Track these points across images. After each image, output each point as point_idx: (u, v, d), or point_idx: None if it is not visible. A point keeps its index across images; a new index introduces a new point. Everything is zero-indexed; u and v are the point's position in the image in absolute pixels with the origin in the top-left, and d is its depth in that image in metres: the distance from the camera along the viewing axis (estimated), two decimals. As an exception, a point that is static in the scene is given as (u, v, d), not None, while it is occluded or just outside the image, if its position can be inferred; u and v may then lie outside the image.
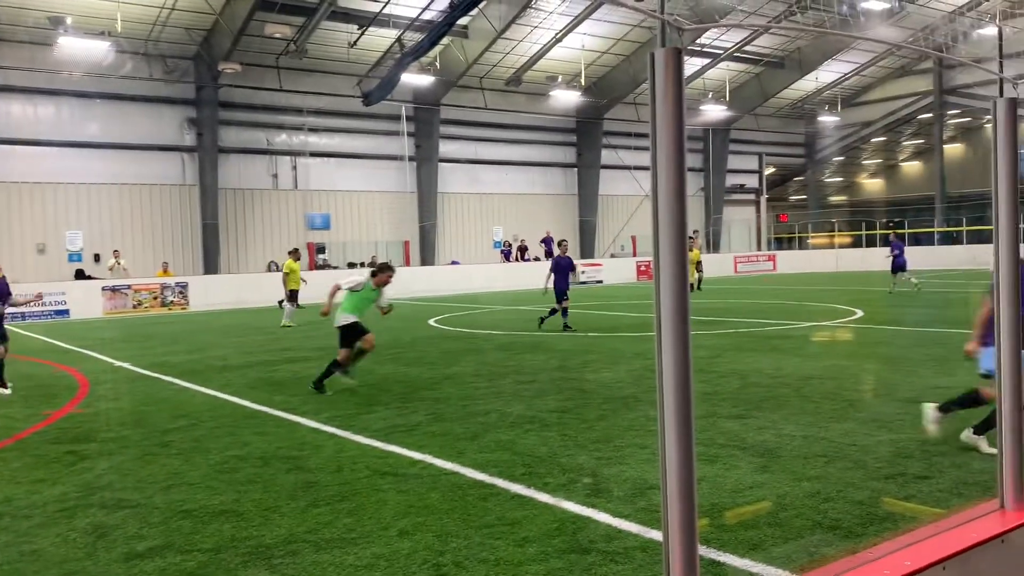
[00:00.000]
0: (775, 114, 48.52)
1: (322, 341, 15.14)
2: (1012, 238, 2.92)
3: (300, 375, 11.03)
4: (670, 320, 1.97)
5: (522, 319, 18.91)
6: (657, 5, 1.85)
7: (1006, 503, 2.65)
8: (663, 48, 1.81)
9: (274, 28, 29.61)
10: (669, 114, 1.82)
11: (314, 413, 8.28)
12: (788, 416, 7.36)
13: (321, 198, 34.22)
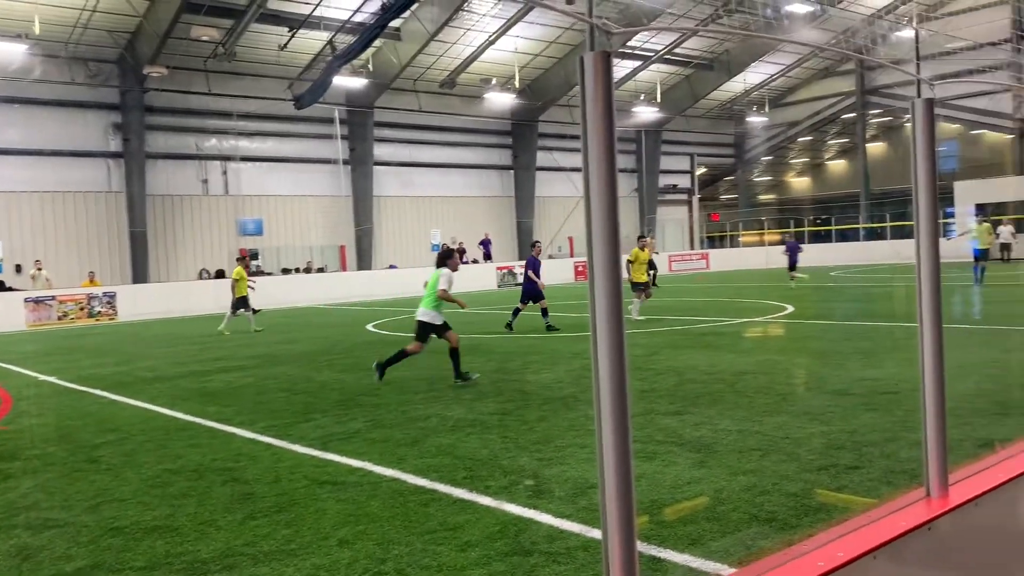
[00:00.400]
0: (705, 115, 49.44)
1: (258, 349, 14.88)
2: (932, 232, 3.02)
3: (234, 385, 10.81)
4: (605, 320, 1.98)
5: (461, 322, 18.86)
6: (585, 9, 1.86)
7: (932, 491, 2.74)
8: (592, 52, 1.82)
9: (201, 31, 28.97)
10: (599, 116, 1.83)
11: (249, 423, 8.12)
12: (723, 411, 7.49)
13: (253, 203, 33.60)
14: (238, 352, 14.71)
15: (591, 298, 2.02)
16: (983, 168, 40.55)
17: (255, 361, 13.21)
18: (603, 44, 1.85)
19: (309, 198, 34.97)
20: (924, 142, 2.92)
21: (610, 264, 1.95)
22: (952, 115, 43.06)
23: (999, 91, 39.65)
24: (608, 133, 1.85)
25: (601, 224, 1.94)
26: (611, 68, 1.83)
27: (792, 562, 2.25)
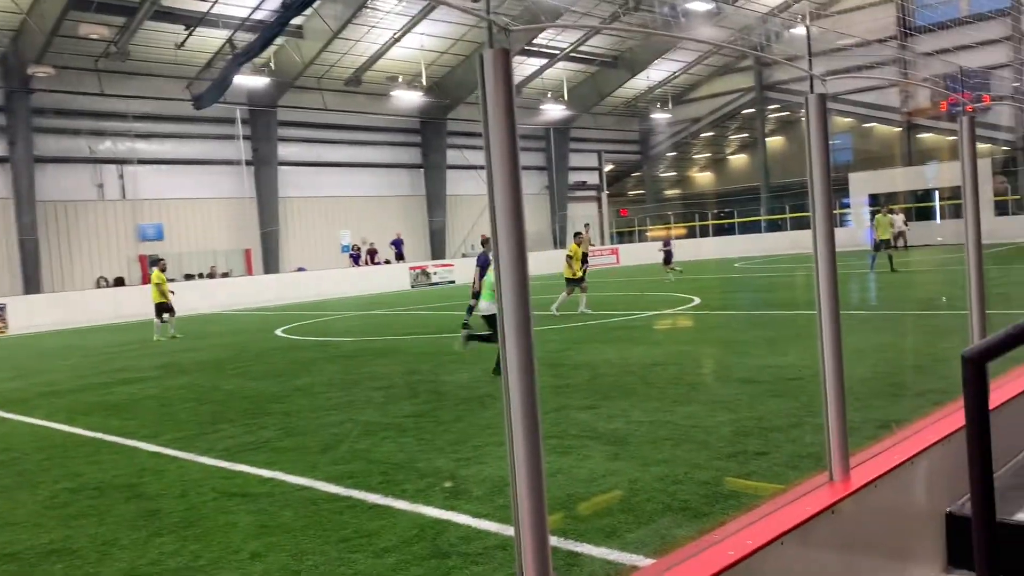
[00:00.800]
0: (611, 112, 50.20)
1: (162, 359, 14.35)
2: (827, 222, 3.12)
3: (137, 397, 10.39)
4: (512, 316, 1.97)
5: (374, 324, 18.65)
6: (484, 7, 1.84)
7: (834, 475, 2.84)
8: (491, 49, 1.81)
9: (90, 28, 27.75)
10: (500, 113, 1.82)
11: (153, 436, 7.82)
12: (636, 403, 7.61)
13: (153, 207, 32.41)
14: (140, 363, 14.16)
15: (498, 294, 2.01)
16: (874, 160, 42.46)
17: (159, 371, 12.74)
18: (502, 42, 1.83)
19: (212, 201, 33.96)
20: (818, 136, 3.02)
21: (516, 261, 1.94)
22: (845, 109, 44.91)
23: (887, 86, 41.56)
24: (510, 130, 1.84)
25: (506, 221, 1.93)
26: (510, 65, 1.82)
27: (705, 552, 2.28)
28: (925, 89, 40.32)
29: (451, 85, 39.07)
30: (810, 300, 3.22)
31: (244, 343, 16.10)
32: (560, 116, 44.90)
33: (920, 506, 3.45)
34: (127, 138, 31.44)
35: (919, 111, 42.12)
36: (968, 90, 32.98)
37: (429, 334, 15.20)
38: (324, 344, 15.26)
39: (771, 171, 48.56)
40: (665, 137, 53.44)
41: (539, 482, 2.00)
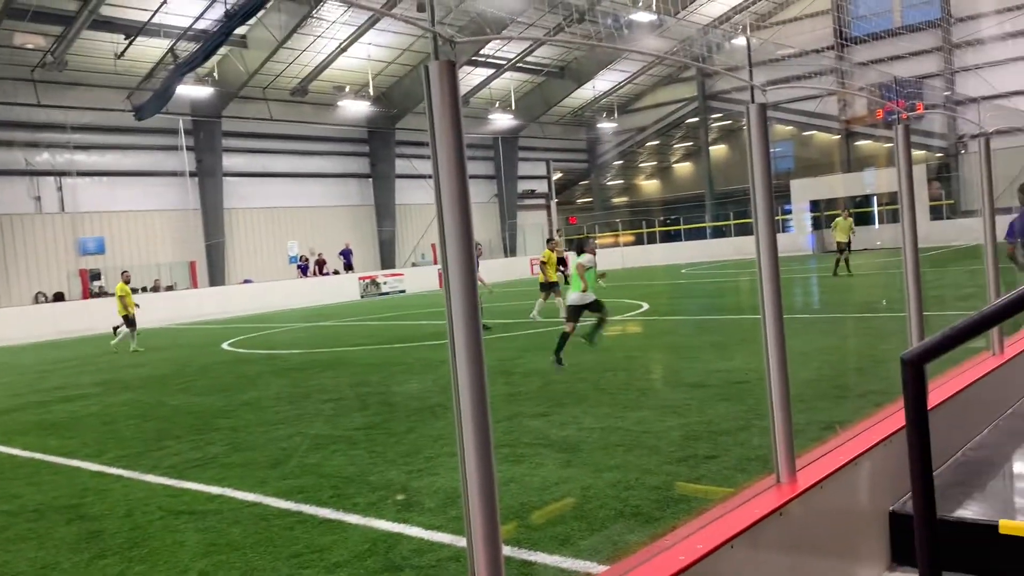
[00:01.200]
0: (559, 122, 50.55)
1: (103, 375, 13.99)
2: (769, 228, 3.19)
3: (78, 414, 10.11)
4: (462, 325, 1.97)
5: (323, 336, 18.45)
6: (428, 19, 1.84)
7: (781, 477, 2.89)
8: (436, 61, 1.81)
9: (26, 38, 27.03)
10: (447, 124, 1.82)
11: (96, 455, 7.61)
12: (588, 409, 7.65)
13: (94, 220, 31.61)
14: (80, 379, 13.79)
15: (447, 303, 2.01)
16: (815, 167, 43.44)
17: (100, 388, 12.42)
18: (448, 53, 1.84)
19: (155, 213, 33.26)
20: (759, 144, 3.08)
21: (465, 269, 1.94)
22: (786, 118, 45.88)
23: (825, 95, 42.60)
24: (456, 140, 1.84)
25: (454, 230, 1.93)
26: (456, 76, 1.82)
27: (656, 558, 2.30)
28: (862, 98, 41.45)
29: (399, 95, 38.95)
30: (755, 304, 3.28)
31: (189, 357, 15.79)
32: (508, 125, 45.07)
33: (864, 506, 3.53)
34: (66, 150, 30.63)
35: (856, 119, 43.25)
36: (902, 99, 34.00)
37: (379, 345, 15.09)
38: (272, 357, 15.04)
39: (715, 179, 49.36)
40: (612, 146, 53.98)
41: (491, 492, 2.00)
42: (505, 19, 33.32)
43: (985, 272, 5.89)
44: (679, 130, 53.19)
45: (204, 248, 34.21)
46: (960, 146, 40.67)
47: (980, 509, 3.63)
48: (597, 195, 56.64)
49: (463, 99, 1.92)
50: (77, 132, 30.52)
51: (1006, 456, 4.47)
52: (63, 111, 29.97)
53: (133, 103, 30.96)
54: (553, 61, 43.35)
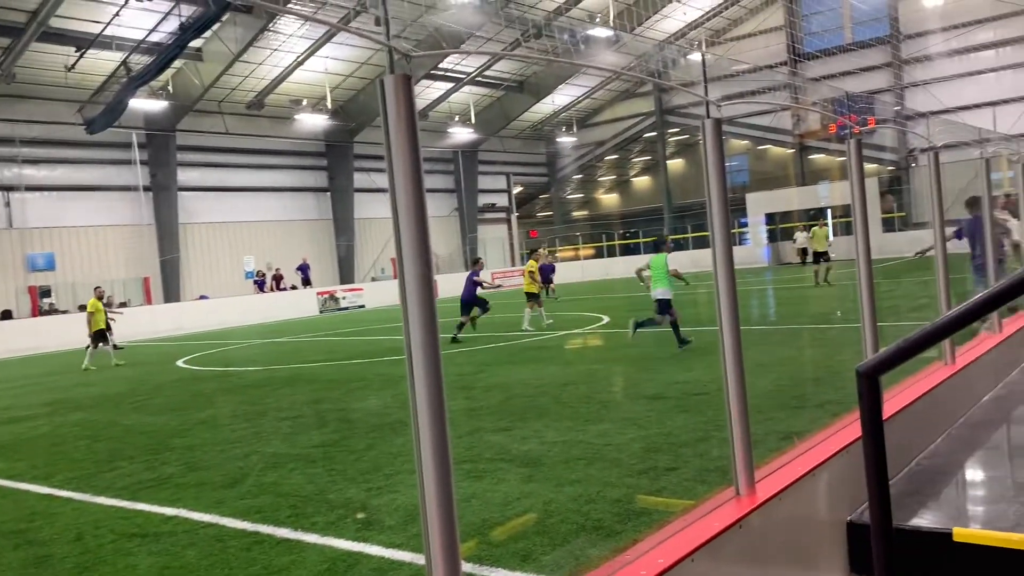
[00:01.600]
0: (518, 136, 50.76)
1: (53, 394, 13.64)
2: (726, 241, 3.22)
3: (25, 436, 9.83)
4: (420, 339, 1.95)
5: (281, 352, 18.22)
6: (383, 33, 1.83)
7: (740, 490, 2.90)
8: (392, 75, 1.80)
9: (-28, 50, 26.44)
10: (403, 138, 1.81)
11: (45, 478, 7.40)
12: (549, 423, 7.64)
13: (43, 236, 30.90)
14: (28, 400, 13.43)
15: (404, 318, 1.99)
16: (770, 180, 44.16)
17: (49, 408, 12.10)
18: (403, 67, 1.82)
19: (108, 228, 32.63)
20: (715, 158, 3.11)
21: (422, 284, 1.92)
22: (741, 132, 46.61)
23: (779, 110, 43.39)
24: (413, 154, 1.83)
25: (411, 244, 1.91)
26: (412, 91, 1.81)
27: (617, 573, 2.29)
28: (815, 113, 42.26)
29: (357, 108, 38.80)
30: (713, 316, 3.30)
31: (143, 376, 15.47)
32: (468, 139, 45.13)
33: (822, 516, 3.56)
34: (14, 164, 29.95)
35: (810, 133, 44.08)
36: (854, 113, 34.75)
37: (338, 361, 14.93)
38: (228, 374, 14.81)
39: (673, 192, 49.91)
40: (571, 160, 54.33)
41: (450, 509, 1.97)
42: (463, 34, 33.41)
43: (936, 283, 6.01)
44: (637, 144, 53.74)
45: (159, 264, 33.63)
46: (911, 160, 41.67)
47: (935, 517, 3.69)
48: (557, 209, 56.92)
49: (422, 113, 1.91)
50: (26, 146, 29.87)
51: (959, 464, 4.55)
52: (11, 124, 29.33)
53: (84, 116, 30.41)
54: (512, 75, 43.56)
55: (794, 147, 45.56)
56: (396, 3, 27.56)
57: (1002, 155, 12.32)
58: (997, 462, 4.72)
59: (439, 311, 1.99)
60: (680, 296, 13.69)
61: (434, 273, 1.96)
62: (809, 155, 45.81)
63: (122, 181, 32.84)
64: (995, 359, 6.35)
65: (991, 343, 6.44)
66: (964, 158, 12.59)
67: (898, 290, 19.15)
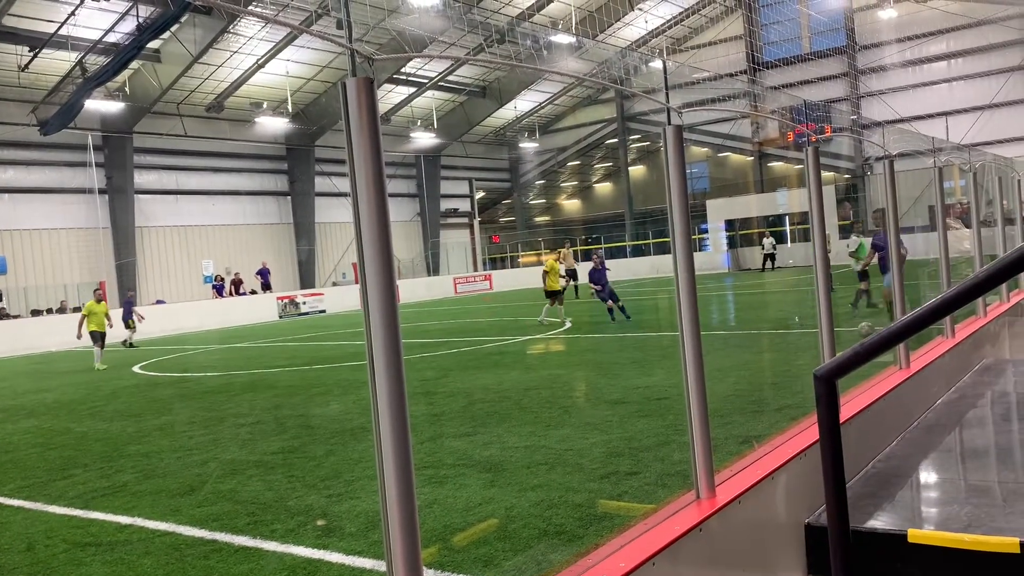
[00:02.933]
0: (481, 141, 50.78)
1: (3, 401, 13.31)
2: (686, 247, 3.25)
3: (-25, 444, 9.57)
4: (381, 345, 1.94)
5: (240, 357, 17.99)
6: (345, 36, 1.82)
7: (700, 493, 2.93)
8: (354, 78, 1.79)
9: (-79, 47, 25.75)
10: (365, 142, 1.79)
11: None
12: (511, 428, 7.64)
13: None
14: (-21, 407, 13.08)
15: (366, 323, 1.97)
16: (730, 187, 44.72)
17: (2, 415, 11.81)
18: (365, 70, 1.81)
19: (62, 231, 31.95)
20: (675, 165, 3.14)
21: (385, 289, 1.91)
22: (701, 139, 47.15)
23: (739, 117, 43.98)
24: (375, 158, 1.82)
25: (374, 248, 1.90)
26: (375, 94, 1.80)
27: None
28: (773, 121, 42.91)
29: (318, 112, 38.50)
30: (674, 321, 3.33)
31: (97, 381, 15.16)
32: (430, 144, 45.02)
33: (781, 519, 3.61)
34: (-36, 165, 29.23)
35: (769, 141, 44.76)
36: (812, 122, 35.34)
37: (298, 366, 14.78)
38: (185, 380, 14.57)
39: (634, 198, 50.30)
40: (533, 165, 54.50)
41: (411, 515, 1.96)
42: (426, 38, 33.34)
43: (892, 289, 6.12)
44: (599, 151, 54.07)
45: (114, 268, 33.02)
46: (866, 168, 42.49)
47: (890, 519, 3.75)
48: (520, 214, 57.03)
49: (384, 117, 1.90)
50: (-24, 147, 29.16)
51: (914, 467, 4.64)
52: (-39, 125, 28.62)
53: (38, 117, 29.77)
54: (474, 81, 43.58)
55: (753, 154, 46.20)
56: (358, 7, 27.42)
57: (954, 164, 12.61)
58: (950, 465, 4.82)
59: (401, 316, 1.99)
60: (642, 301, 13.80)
61: (396, 278, 1.95)
62: (768, 163, 46.50)
63: (77, 183, 32.19)
64: (948, 363, 6.49)
65: (944, 347, 6.58)
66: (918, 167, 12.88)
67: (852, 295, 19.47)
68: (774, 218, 42.54)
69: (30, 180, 31.22)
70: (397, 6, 30.50)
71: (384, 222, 1.89)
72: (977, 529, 3.40)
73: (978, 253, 8.58)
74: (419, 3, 30.81)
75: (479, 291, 42.06)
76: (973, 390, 6.45)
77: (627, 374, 10.38)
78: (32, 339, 25.84)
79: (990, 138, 37.01)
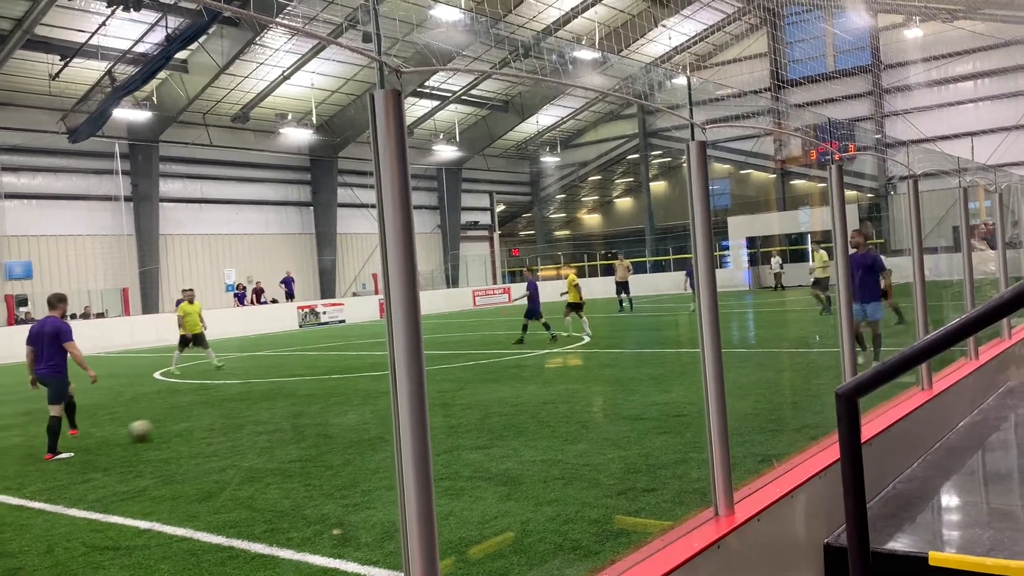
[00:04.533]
0: (502, 155, 50.93)
1: (26, 404, 13.45)
2: (708, 263, 3.24)
3: None
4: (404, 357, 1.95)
5: (259, 366, 18.09)
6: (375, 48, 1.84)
7: (719, 510, 2.91)
8: (383, 90, 1.81)
9: (-45, 55, 26.22)
10: (392, 153, 1.81)
11: (17, 488, 7.29)
12: (528, 442, 7.63)
13: (21, 244, 30.58)
14: (2, 409, 13.24)
15: (389, 335, 1.98)
16: (752, 205, 44.53)
17: (23, 418, 11.94)
18: (393, 83, 1.83)
19: (87, 237, 32.34)
20: (699, 180, 3.14)
21: (408, 301, 1.92)
22: (724, 156, 47.02)
23: (762, 135, 43.85)
24: (401, 169, 1.83)
25: (398, 260, 1.91)
26: (402, 106, 1.82)
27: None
28: (797, 138, 42.74)
29: (342, 124, 38.80)
30: (693, 338, 3.31)
31: (119, 387, 15.30)
32: (452, 157, 45.23)
33: (800, 538, 3.57)
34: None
35: (792, 159, 44.55)
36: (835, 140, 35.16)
37: (317, 376, 14.84)
38: (206, 387, 14.67)
39: (655, 214, 50.20)
40: (554, 180, 54.56)
41: (430, 526, 1.97)
42: (451, 52, 33.54)
43: (914, 309, 6.07)
44: (620, 166, 54.06)
45: (138, 274, 33.36)
46: (890, 187, 42.19)
47: (911, 541, 3.71)
48: (539, 228, 57.08)
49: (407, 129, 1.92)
50: (6, 153, 29.61)
51: (935, 489, 4.58)
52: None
53: (67, 125, 30.20)
54: (497, 95, 43.77)
55: (776, 172, 46.01)
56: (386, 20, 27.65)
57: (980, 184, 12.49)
58: (973, 487, 4.76)
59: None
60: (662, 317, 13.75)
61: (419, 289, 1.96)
62: (790, 180, 46.29)
63: (103, 190, 32.59)
64: (971, 385, 6.41)
65: (968, 369, 6.51)
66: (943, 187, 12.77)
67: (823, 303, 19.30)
68: (796, 236, 42.27)
69: (57, 187, 31.66)
70: (424, 20, 30.74)
71: (409, 233, 1.91)
72: (1000, 553, 3.35)
73: (1003, 274, 8.48)
74: (446, 17, 31.04)
75: (497, 304, 42.08)
76: (997, 413, 6.37)
77: (645, 390, 10.33)
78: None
79: (1017, 159, 36.65)
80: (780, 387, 10.41)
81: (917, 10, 38.88)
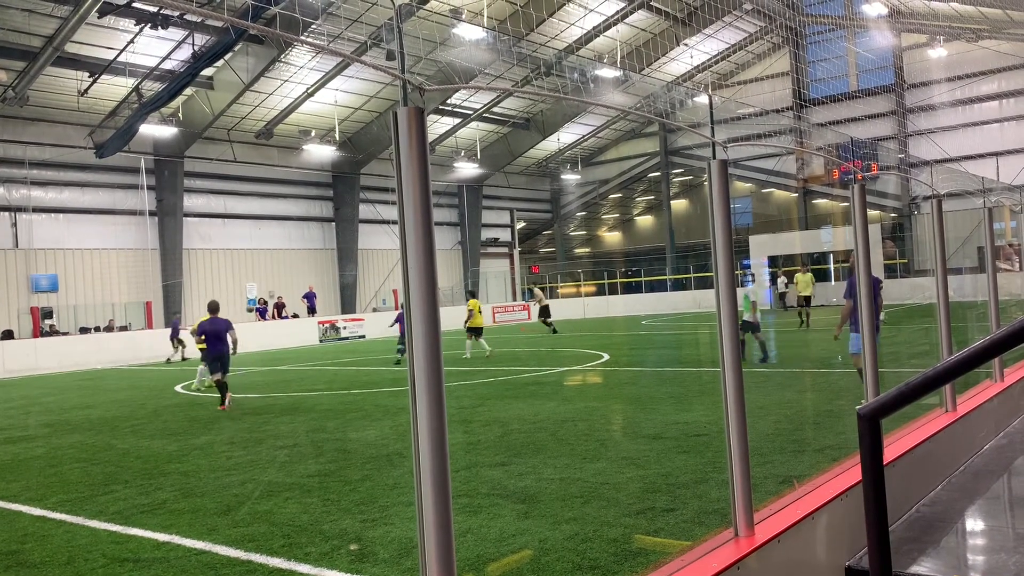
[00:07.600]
0: (523, 172, 51.09)
1: (50, 416, 13.60)
2: (729, 282, 3.23)
3: (22, 457, 9.79)
4: (424, 373, 1.96)
5: (279, 380, 18.17)
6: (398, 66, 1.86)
7: (739, 531, 2.88)
8: (406, 107, 1.83)
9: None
10: (414, 170, 1.83)
11: (39, 499, 7.36)
12: (546, 460, 7.60)
13: (48, 257, 30.99)
14: (26, 420, 13.38)
15: (409, 351, 1.99)
16: (773, 223, 44.33)
17: (47, 430, 12.06)
18: (416, 100, 1.85)
19: (112, 251, 32.74)
20: (720, 199, 3.13)
21: (429, 317, 1.93)
22: (745, 175, 46.90)
23: (784, 153, 43.71)
24: (423, 185, 1.85)
25: (419, 277, 1.92)
26: (424, 123, 1.84)
27: (613, 611, 2.27)
28: (819, 157, 42.56)
29: (364, 140, 39.10)
30: (714, 357, 3.30)
31: (141, 400, 15.42)
32: (473, 174, 45.43)
33: (821, 560, 3.53)
34: (23, 185, 30.15)
35: (814, 178, 44.34)
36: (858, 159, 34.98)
37: (337, 390, 14.89)
38: (227, 401, 14.72)
39: (676, 232, 50.09)
40: (575, 197, 54.61)
41: (448, 543, 1.96)
42: (473, 70, 33.77)
43: (938, 330, 6.01)
44: (641, 184, 54.04)
45: (161, 288, 33.69)
46: (913, 207, 41.85)
47: (935, 566, 3.65)
48: (560, 245, 57.11)
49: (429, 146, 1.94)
50: (35, 168, 30.08)
51: (959, 513, 4.52)
52: (22, 146, 29.57)
53: (95, 140, 30.66)
54: (519, 113, 43.97)
55: (798, 191, 45.81)
56: (409, 38, 27.90)
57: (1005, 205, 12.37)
58: (997, 512, 4.69)
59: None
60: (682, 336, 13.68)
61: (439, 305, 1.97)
62: (812, 199, 46.05)
63: (128, 205, 33.01)
64: (996, 407, 6.33)
65: (993, 391, 6.42)
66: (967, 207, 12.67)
67: (899, 336, 19.11)
68: (818, 255, 41.99)
69: (84, 201, 32.10)
70: (447, 38, 31.00)
71: (429, 248, 1.92)
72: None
73: (1029, 296, 8.37)
74: (468, 36, 31.27)
75: (517, 320, 42.07)
76: (1022, 436, 6.28)
77: (665, 409, 10.27)
78: (80, 356, 26.42)
79: (1043, 179, 36.26)
80: (802, 407, 10.31)
81: (941, 30, 38.69)
